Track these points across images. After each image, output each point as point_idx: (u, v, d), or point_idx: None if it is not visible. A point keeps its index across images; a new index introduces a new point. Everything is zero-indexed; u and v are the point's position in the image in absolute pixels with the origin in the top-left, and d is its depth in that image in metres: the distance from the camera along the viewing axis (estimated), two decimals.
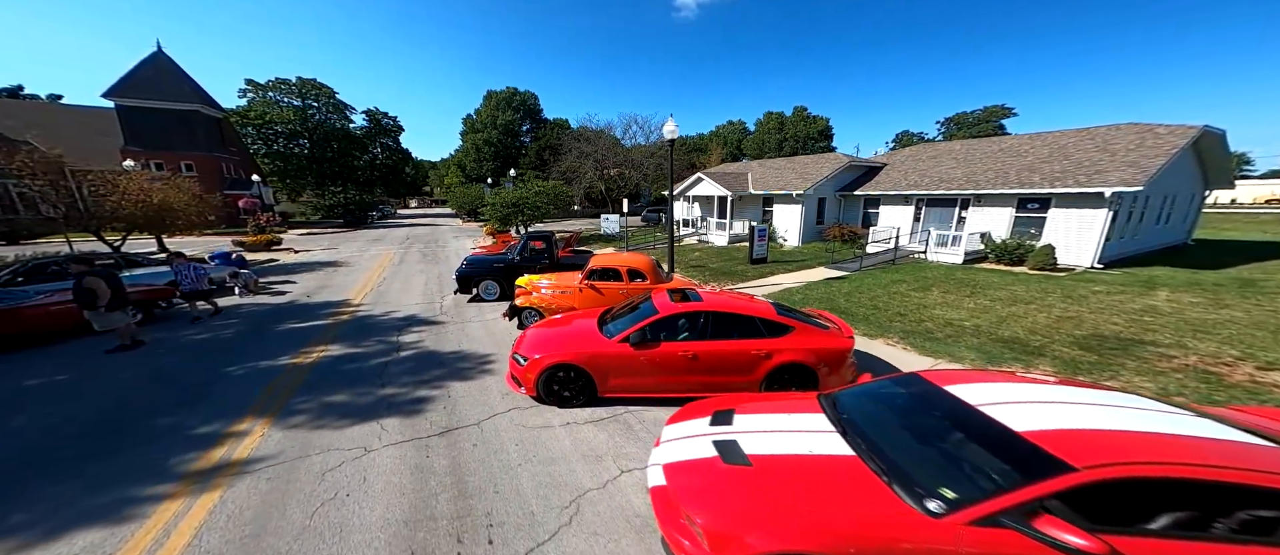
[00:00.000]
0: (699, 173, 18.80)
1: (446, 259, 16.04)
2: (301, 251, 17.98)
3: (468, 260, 9.83)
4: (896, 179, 15.36)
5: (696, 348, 4.50)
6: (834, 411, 2.84)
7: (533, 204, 18.79)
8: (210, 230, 27.23)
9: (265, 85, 45.06)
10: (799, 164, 18.92)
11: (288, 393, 5.14)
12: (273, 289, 10.88)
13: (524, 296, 7.32)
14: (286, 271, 13.42)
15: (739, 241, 17.93)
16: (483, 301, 9.33)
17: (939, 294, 8.64)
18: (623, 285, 7.10)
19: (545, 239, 9.62)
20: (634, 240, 20.22)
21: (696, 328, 4.63)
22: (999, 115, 44.70)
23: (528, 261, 9.39)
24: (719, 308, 4.68)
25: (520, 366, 4.69)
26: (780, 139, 57.33)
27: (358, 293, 10.48)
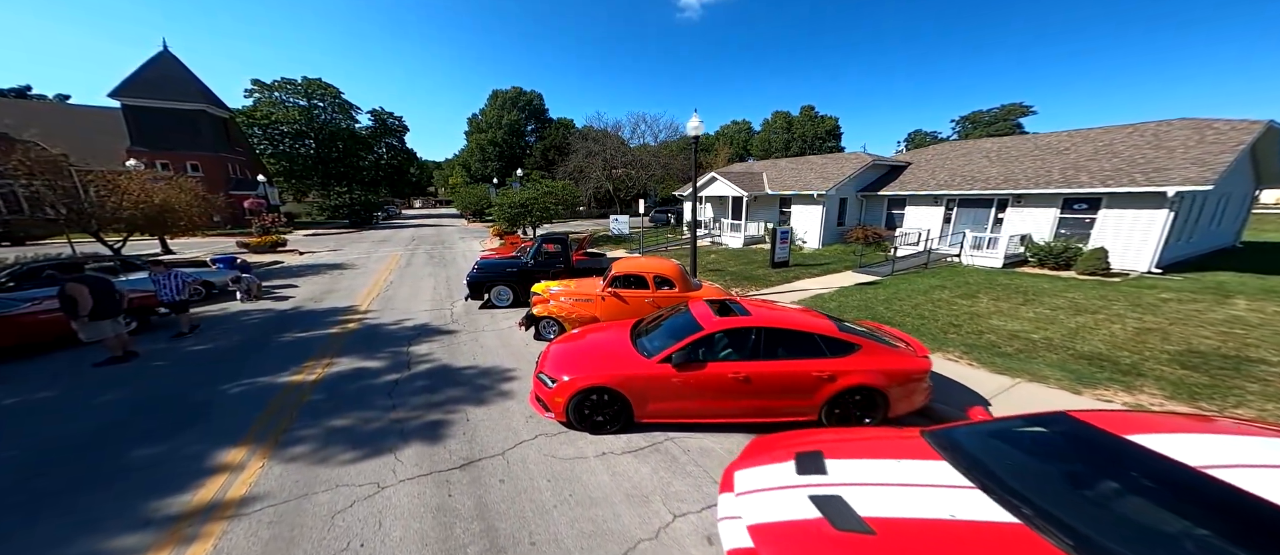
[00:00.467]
0: (713, 172, 18.22)
1: (454, 261, 15.60)
2: (307, 253, 17.61)
3: (479, 264, 9.34)
4: (924, 178, 14.71)
5: (748, 369, 3.96)
6: (960, 458, 2.28)
7: (541, 205, 18.31)
8: (215, 231, 27.04)
9: (271, 85, 45.00)
10: (818, 163, 18.32)
11: (290, 416, 4.64)
12: (276, 294, 10.45)
13: (541, 305, 6.81)
14: (291, 274, 13.01)
15: (754, 243, 17.33)
16: (495, 308, 8.84)
17: (989, 302, 8.05)
18: (649, 294, 6.56)
19: (560, 242, 9.12)
20: (645, 242, 19.71)
21: (746, 346, 4.08)
22: (1017, 113, 43.56)
23: (542, 266, 8.89)
24: (772, 323, 4.14)
25: (547, 389, 4.17)
26: (787, 139, 56.68)
27: (365, 298, 10.02)
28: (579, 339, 4.96)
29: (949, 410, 4.27)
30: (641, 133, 29.12)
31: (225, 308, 9.10)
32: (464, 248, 19.67)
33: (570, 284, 7.15)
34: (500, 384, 5.43)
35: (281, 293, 10.57)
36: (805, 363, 3.95)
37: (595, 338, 4.92)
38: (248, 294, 9.41)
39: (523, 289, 8.84)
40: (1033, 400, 4.43)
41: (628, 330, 4.93)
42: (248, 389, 5.24)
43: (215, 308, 9.10)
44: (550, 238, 9.21)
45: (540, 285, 7.39)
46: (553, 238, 9.23)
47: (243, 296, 9.33)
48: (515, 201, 18.10)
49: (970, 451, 2.33)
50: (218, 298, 9.86)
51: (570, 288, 7.00)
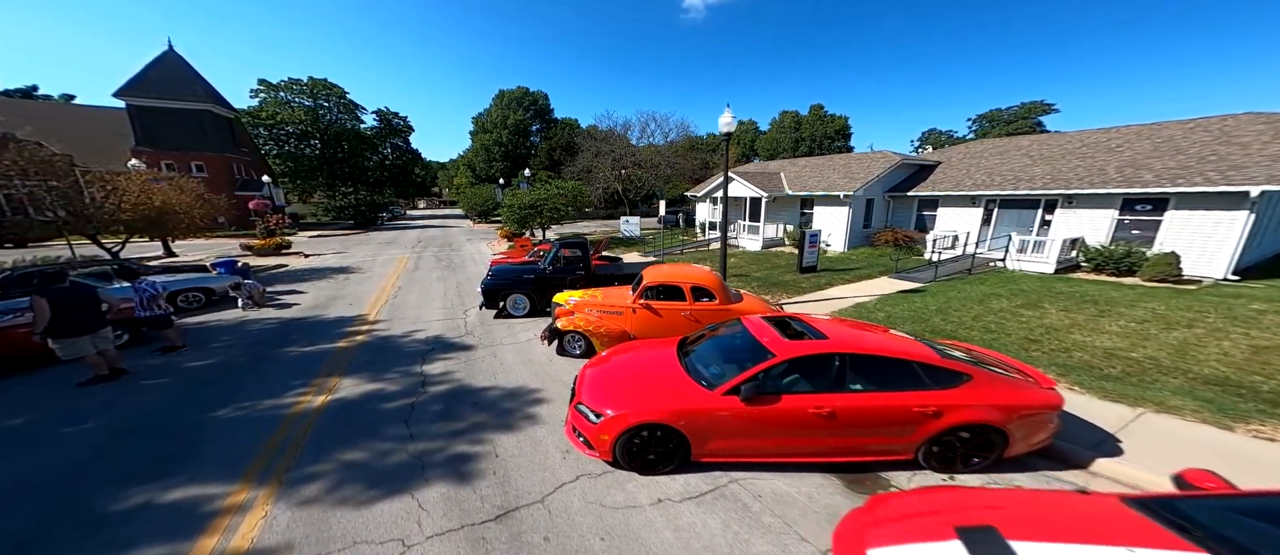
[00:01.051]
0: (729, 172, 17.57)
1: (462, 264, 15.05)
2: (312, 256, 17.12)
3: (493, 271, 8.75)
4: (958, 178, 13.96)
5: (834, 403, 3.33)
6: (1214, 543, 1.65)
7: (552, 205, 17.73)
8: (219, 233, 26.70)
9: (277, 85, 44.78)
10: (841, 163, 17.57)
11: (296, 447, 4.06)
12: (279, 301, 9.91)
13: (565, 317, 6.20)
14: (296, 278, 12.49)
15: (773, 245, 16.63)
16: (511, 317, 8.25)
17: (1059, 314, 7.36)
18: (685, 306, 5.94)
19: (579, 247, 8.51)
20: (659, 244, 19.08)
21: (828, 375, 3.45)
22: (1038, 111, 42.15)
23: (561, 273, 8.29)
24: (860, 348, 3.50)
25: (590, 424, 3.55)
26: (796, 138, 55.85)
27: (373, 305, 9.46)
28: (618, 361, 4.35)
29: (1072, 448, 3.62)
30: (651, 132, 28.53)
31: (224, 317, 8.57)
32: (472, 250, 19.14)
33: (597, 294, 6.53)
34: (527, 408, 4.83)
35: (285, 299, 10.03)
36: (903, 395, 3.32)
37: (637, 359, 4.31)
38: (250, 301, 8.88)
39: (540, 297, 8.25)
40: (1175, 437, 3.73)
41: (673, 349, 4.32)
42: (247, 415, 4.67)
43: (214, 316, 8.57)
44: (568, 242, 8.61)
45: (563, 295, 6.79)
46: (571, 242, 8.63)
47: (244, 304, 8.80)
48: (524, 202, 17.54)
49: (1217, 531, 1.68)
50: (218, 304, 9.34)
51: (597, 298, 6.39)
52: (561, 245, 8.50)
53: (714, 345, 4.16)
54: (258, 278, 12.42)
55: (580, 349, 6.15)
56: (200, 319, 8.39)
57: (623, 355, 4.50)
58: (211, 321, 8.24)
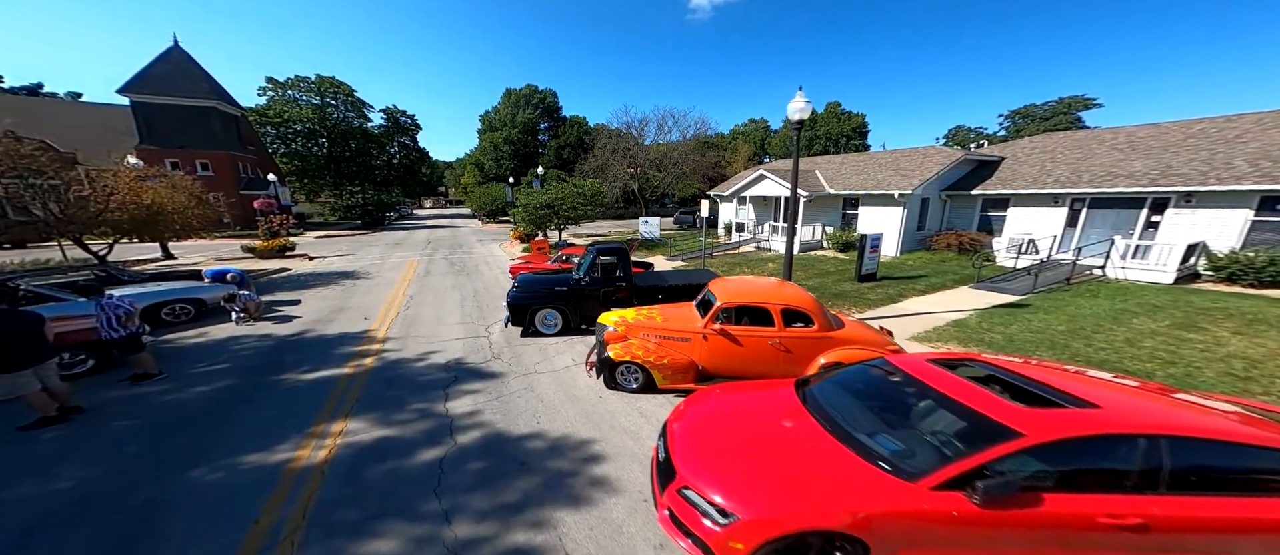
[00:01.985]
0: (759, 170, 16.39)
1: (476, 269, 14.03)
2: (317, 260, 16.18)
3: (520, 281, 7.66)
4: (1032, 174, 12.51)
5: (1148, 509, 2.18)
6: None
7: (569, 205, 16.69)
8: (225, 233, 25.93)
9: (285, 83, 44.27)
10: (887, 160, 16.17)
11: (294, 529, 3.00)
12: (279, 313, 8.90)
13: (617, 344, 5.09)
14: (298, 285, 11.51)
15: (810, 249, 15.43)
16: (541, 335, 7.18)
17: (1238, 338, 6.08)
18: (773, 333, 4.80)
19: (617, 254, 7.39)
20: (680, 247, 17.97)
21: (1123, 465, 2.29)
22: (1078, 106, 39.81)
23: (598, 284, 7.20)
24: (1181, 428, 2.31)
25: (714, 530, 2.43)
26: (811, 137, 54.46)
27: (382, 319, 8.43)
28: (720, 412, 3.25)
29: None
30: (668, 128, 27.39)
31: (215, 332, 7.56)
32: (484, 252, 18.14)
33: (654, 315, 5.41)
34: (588, 467, 3.74)
35: (285, 311, 9.01)
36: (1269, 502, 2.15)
37: (748, 412, 3.21)
38: (244, 314, 7.86)
39: (575, 312, 7.17)
40: None
41: (795, 399, 3.21)
42: (227, 478, 3.61)
43: (204, 332, 7.56)
44: (607, 248, 7.49)
45: (611, 315, 5.68)
46: (609, 248, 7.51)
47: (238, 318, 7.79)
48: (540, 202, 16.50)
49: None
50: (211, 317, 8.35)
51: (655, 320, 5.27)
52: (598, 251, 7.39)
53: (869, 401, 3.04)
54: (259, 284, 11.48)
55: (637, 383, 5.06)
56: (188, 335, 7.39)
57: (722, 404, 3.39)
58: (200, 338, 7.23)
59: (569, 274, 7.74)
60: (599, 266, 7.24)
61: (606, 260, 7.27)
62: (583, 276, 7.21)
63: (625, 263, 7.27)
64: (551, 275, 7.90)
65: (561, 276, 7.68)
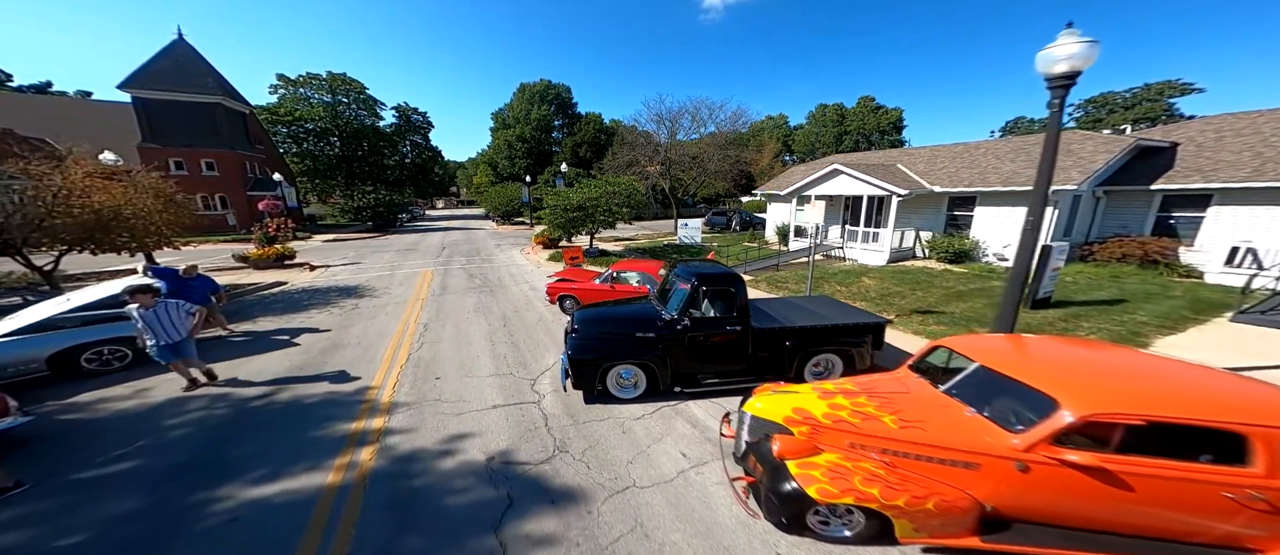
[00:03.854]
0: (834, 162, 13.83)
1: (499, 281, 11.85)
2: (319, 269, 14.23)
3: (580, 321, 5.22)
4: (1246, 161, 9.48)
5: None
6: None
7: (605, 207, 14.43)
8: (227, 236, 24.40)
9: (296, 80, 43.11)
10: (1011, 148, 12.82)
11: None
12: (251, 352, 6.79)
13: (810, 464, 2.79)
14: (289, 306, 9.45)
15: (902, 258, 12.83)
16: (616, 401, 4.91)
17: None
18: (1244, 479, 2.29)
19: (729, 282, 4.97)
20: (729, 254, 15.57)
21: None
22: (1171, 92, 35.66)
23: (701, 328, 4.86)
24: None
25: None
26: (840, 132, 51.38)
27: (388, 366, 6.25)
28: None
29: None
30: (703, 120, 24.93)
31: (156, 388, 5.46)
32: (505, 260, 16.01)
33: (862, 404, 3.03)
34: None
35: (263, 345, 6.91)
36: None
37: None
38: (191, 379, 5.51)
39: (664, 368, 4.86)
40: None
41: None
42: None
43: (139, 389, 5.47)
44: (710, 273, 5.09)
45: (772, 400, 3.33)
46: (714, 273, 5.08)
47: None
48: (571, 203, 14.27)
49: None
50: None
51: (871, 420, 2.90)
52: (698, 277, 4.99)
53: None
54: (244, 302, 9.44)
55: (854, 529, 2.74)
56: (118, 394, 5.29)
57: None
58: (130, 401, 5.12)
59: (644, 307, 5.40)
60: (703, 301, 4.89)
61: (714, 291, 4.92)
62: (679, 315, 4.88)
63: (741, 296, 4.91)
64: (621, 309, 5.59)
65: (636, 311, 5.35)
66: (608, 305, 5.80)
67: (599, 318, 5.30)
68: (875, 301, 8.45)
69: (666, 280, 5.79)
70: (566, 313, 8.52)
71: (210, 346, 6.82)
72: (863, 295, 8.97)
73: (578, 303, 8.40)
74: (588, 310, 5.50)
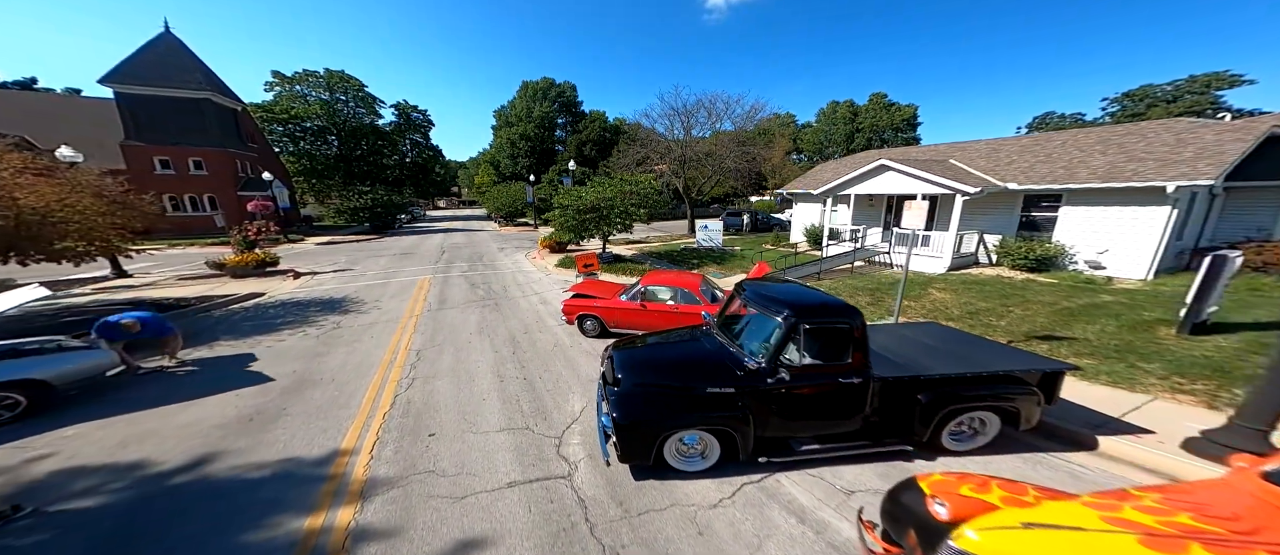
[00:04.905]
0: (880, 158, 12.34)
1: (505, 292, 10.47)
2: (304, 277, 12.87)
3: (625, 365, 3.80)
4: None
5: None
6: None
7: (622, 208, 13.04)
8: (210, 240, 23.01)
9: (293, 78, 41.82)
10: (1100, 138, 11.04)
11: None
12: (192, 384, 5.41)
13: None
14: (261, 325, 8.07)
15: (965, 265, 11.36)
16: (677, 475, 3.53)
17: None
18: None
19: (840, 313, 3.52)
20: (754, 258, 14.20)
21: None
22: (1218, 84, 33.25)
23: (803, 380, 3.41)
24: None
25: None
26: (851, 130, 49.92)
27: (368, 408, 4.87)
28: None
29: None
30: (718, 116, 23.54)
31: (61, 450, 4.09)
32: (510, 266, 14.64)
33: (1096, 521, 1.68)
34: None
35: (211, 381, 5.53)
36: None
37: None
38: None
39: (745, 431, 3.45)
40: None
41: None
42: None
43: (23, 445, 4.11)
44: (812, 305, 3.57)
45: (967, 511, 1.97)
46: (818, 305, 3.62)
47: None
48: (586, 203, 12.88)
49: None
50: (88, 398, 4.90)
51: None
52: (793, 309, 3.48)
53: None
54: (212, 319, 8.01)
55: None
56: None
57: None
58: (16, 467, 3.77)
59: (708, 346, 3.94)
60: (803, 342, 3.47)
61: (819, 329, 3.48)
62: (763, 361, 3.47)
63: (860, 337, 3.47)
64: (677, 349, 4.15)
65: (699, 354, 3.92)
66: (657, 343, 4.36)
67: (649, 362, 3.88)
68: (962, 321, 7.02)
69: (732, 303, 4.40)
70: (586, 334, 7.14)
71: (142, 384, 5.46)
72: (941, 312, 7.53)
73: (601, 324, 7.01)
74: (632, 352, 4.06)
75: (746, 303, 4.06)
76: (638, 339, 4.63)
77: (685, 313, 6.52)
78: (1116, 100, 36.60)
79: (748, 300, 4.05)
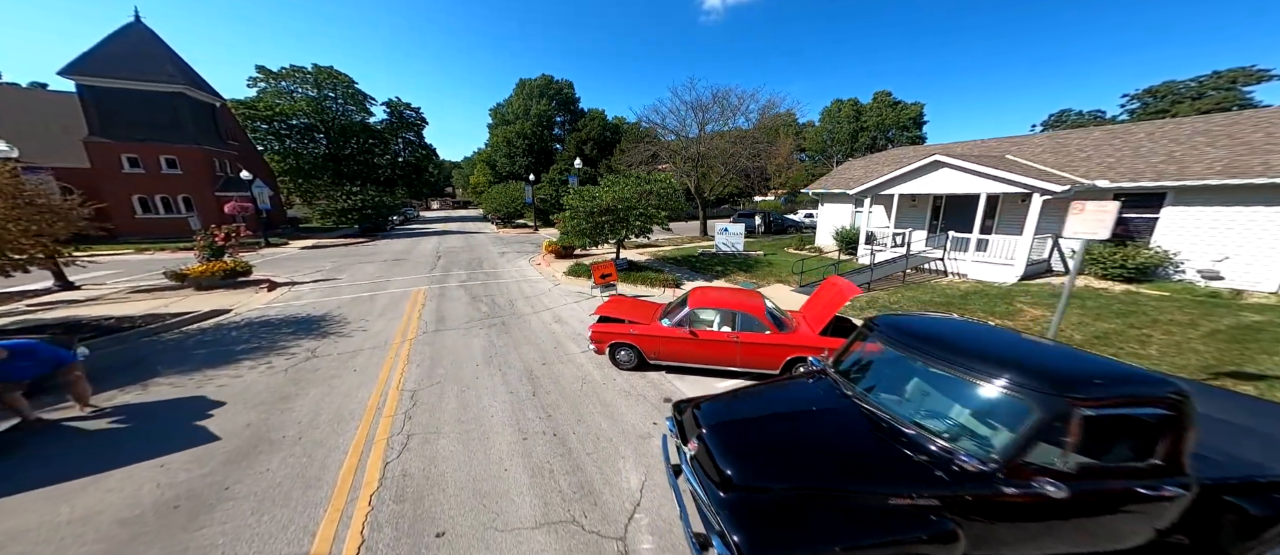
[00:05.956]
0: (935, 154, 11.17)
1: (512, 307, 9.10)
2: (282, 289, 11.36)
3: (726, 444, 2.53)
4: None
5: None
6: None
7: (641, 210, 11.73)
8: (184, 244, 21.18)
9: (278, 74, 39.91)
10: (1222, 124, 9.69)
11: None
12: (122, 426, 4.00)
13: None
14: (219, 354, 6.61)
15: (1036, 275, 10.15)
16: None
17: None
18: None
19: (1156, 397, 2.17)
20: (784, 264, 12.99)
21: None
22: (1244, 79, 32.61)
23: (1092, 482, 2.06)
24: None
25: None
26: (855, 129, 49.19)
27: (345, 485, 3.51)
28: None
29: None
30: (731, 111, 22.37)
31: None
32: (513, 273, 13.27)
33: None
34: None
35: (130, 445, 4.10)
36: None
37: None
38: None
39: None
40: None
41: None
42: None
43: None
44: (1097, 377, 2.24)
45: None
46: (1112, 377, 2.25)
47: None
48: (601, 204, 11.55)
49: None
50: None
51: None
52: (1041, 377, 2.19)
53: None
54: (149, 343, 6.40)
55: None
56: None
57: None
58: None
59: (881, 428, 2.58)
60: (1073, 434, 2.07)
61: (1113, 418, 2.13)
62: (1001, 459, 2.15)
63: (1180, 428, 2.16)
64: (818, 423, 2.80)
65: (856, 431, 2.60)
66: (767, 410, 3.00)
67: (774, 447, 2.54)
68: (1091, 348, 5.84)
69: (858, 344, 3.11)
70: (619, 366, 5.81)
71: (35, 445, 4.03)
72: (1057, 335, 6.37)
73: (638, 354, 5.67)
74: (738, 427, 2.69)
75: (910, 351, 2.76)
76: (730, 400, 3.29)
77: (751, 344, 5.23)
78: (1137, 97, 36.09)
79: (909, 348, 2.76)
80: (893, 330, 2.93)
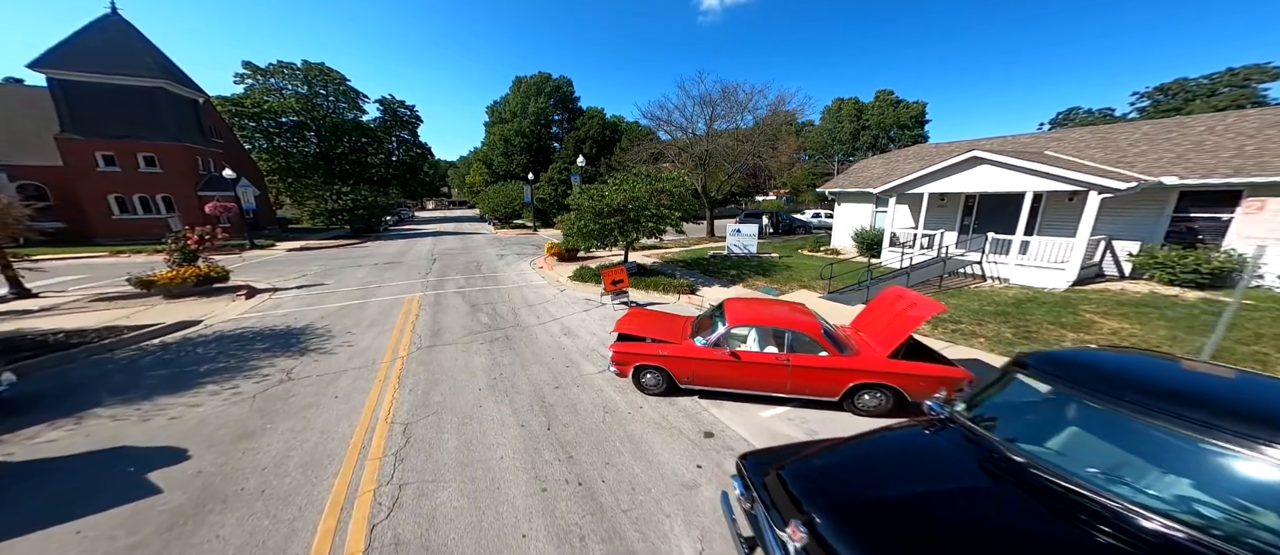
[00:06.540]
0: (973, 149, 10.41)
1: (515, 317, 8.25)
2: (263, 295, 10.43)
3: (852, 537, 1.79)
4: None
5: None
6: None
7: (654, 211, 10.93)
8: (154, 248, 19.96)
9: (267, 70, 38.65)
10: None
11: None
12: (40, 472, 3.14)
13: None
14: (176, 375, 5.72)
15: (1087, 280, 9.42)
16: None
17: None
18: None
19: None
20: (808, 269, 12.27)
21: None
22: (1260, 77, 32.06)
23: None
24: None
25: None
26: (857, 128, 48.77)
27: (321, 552, 2.70)
28: None
29: None
30: (741, 106, 21.66)
31: None
32: (514, 278, 12.43)
33: None
34: None
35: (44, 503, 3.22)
36: None
37: None
38: None
39: None
40: None
41: None
42: None
43: None
44: None
45: None
46: None
47: None
48: (612, 204, 10.74)
49: None
50: None
51: None
52: None
53: None
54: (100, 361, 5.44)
55: None
56: None
57: None
58: None
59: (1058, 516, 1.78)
60: None
61: None
62: None
63: None
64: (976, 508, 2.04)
65: (1029, 517, 1.87)
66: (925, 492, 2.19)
67: (943, 543, 1.77)
68: None
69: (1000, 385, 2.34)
70: (645, 390, 5.00)
71: None
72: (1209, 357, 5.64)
73: (667, 377, 4.85)
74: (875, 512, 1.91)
75: (1115, 403, 1.98)
76: (832, 459, 2.47)
77: (806, 368, 4.43)
78: (1148, 94, 35.80)
79: (1113, 398, 1.98)
80: (1079, 371, 2.15)
